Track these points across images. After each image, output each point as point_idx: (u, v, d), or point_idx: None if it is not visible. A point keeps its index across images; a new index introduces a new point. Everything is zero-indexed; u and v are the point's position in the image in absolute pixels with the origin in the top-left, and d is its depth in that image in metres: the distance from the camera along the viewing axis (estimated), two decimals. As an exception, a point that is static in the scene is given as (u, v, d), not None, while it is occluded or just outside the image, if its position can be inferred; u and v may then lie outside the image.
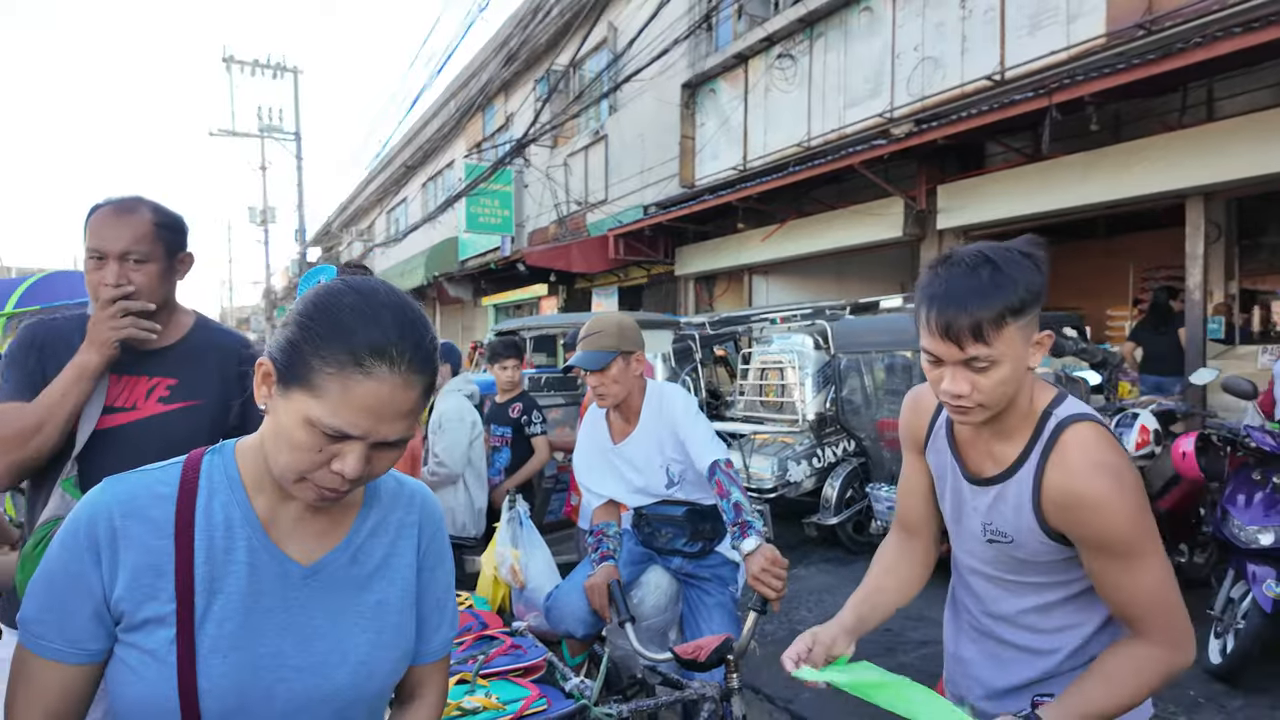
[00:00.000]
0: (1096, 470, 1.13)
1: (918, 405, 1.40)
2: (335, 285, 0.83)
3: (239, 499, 0.88)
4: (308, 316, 0.80)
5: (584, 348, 2.13)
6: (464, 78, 17.48)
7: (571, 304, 14.33)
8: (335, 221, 31.69)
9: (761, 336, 6.12)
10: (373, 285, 0.84)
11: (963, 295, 1.08)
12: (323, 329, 0.78)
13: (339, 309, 0.79)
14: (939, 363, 1.13)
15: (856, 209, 7.60)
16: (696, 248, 10.41)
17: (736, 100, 8.79)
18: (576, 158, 12.73)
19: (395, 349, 0.78)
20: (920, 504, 1.44)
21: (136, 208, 1.46)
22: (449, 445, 3.40)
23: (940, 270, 1.13)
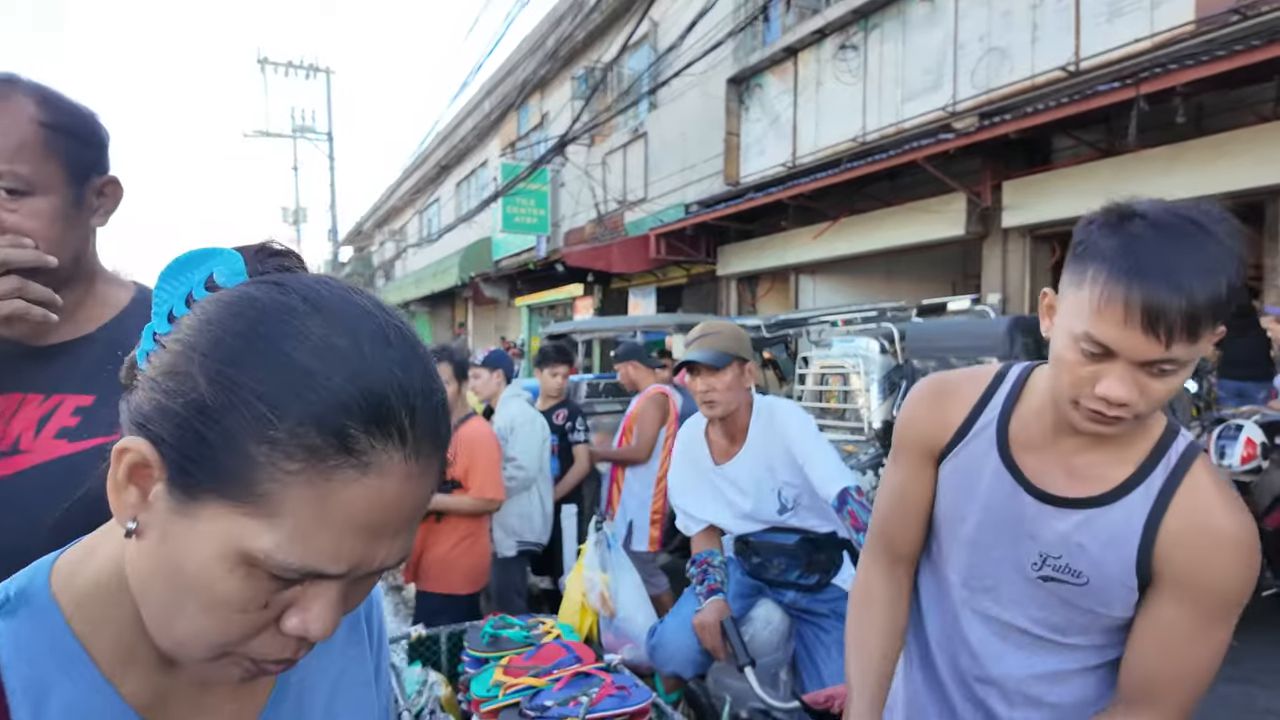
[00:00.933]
0: (1238, 509, 0.94)
1: (943, 401, 1.11)
2: (271, 296, 0.46)
3: (92, 687, 0.50)
4: (228, 359, 0.44)
5: (700, 347, 1.95)
6: (499, 76, 17.42)
7: (607, 305, 14.17)
8: (368, 221, 31.92)
9: (820, 340, 5.87)
10: (342, 294, 0.48)
11: (1182, 273, 0.82)
12: (266, 384, 0.43)
13: (293, 342, 0.44)
14: (1105, 356, 0.87)
15: (914, 206, 7.32)
16: (739, 247, 10.17)
17: (785, 95, 8.54)
18: (615, 156, 12.55)
19: (408, 412, 0.45)
20: (917, 525, 1.16)
21: (8, 94, 0.83)
22: (525, 448, 3.27)
23: (1137, 230, 0.86)
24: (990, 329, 4.14)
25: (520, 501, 3.30)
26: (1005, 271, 6.88)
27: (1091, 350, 0.88)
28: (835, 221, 8.19)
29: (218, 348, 0.44)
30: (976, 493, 1.07)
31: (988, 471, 1.05)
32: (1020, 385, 1.07)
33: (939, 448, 1.11)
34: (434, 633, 2.33)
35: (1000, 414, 1.06)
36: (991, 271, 7.00)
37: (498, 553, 3.35)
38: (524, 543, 3.35)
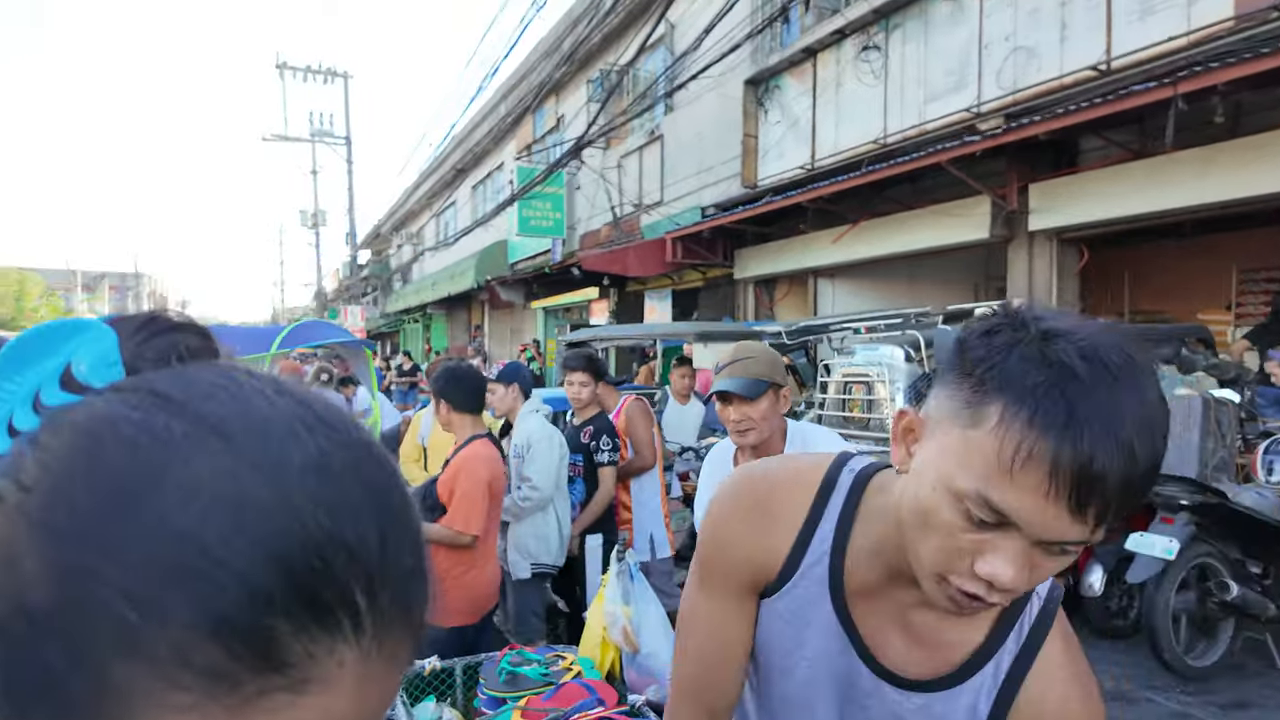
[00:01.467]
0: (1091, 695, 0.79)
1: (765, 521, 0.86)
2: (147, 418, 0.31)
3: None
4: (76, 532, 0.29)
5: (732, 373, 1.85)
6: (515, 80, 17.40)
7: (623, 308, 14.09)
8: (385, 225, 32.06)
9: (842, 347, 5.75)
10: (260, 403, 0.33)
11: (1126, 430, 0.60)
12: (133, 570, 0.28)
13: (177, 495, 0.29)
14: (999, 527, 0.65)
15: (936, 209, 7.17)
16: (757, 250, 10.04)
17: (804, 96, 8.41)
18: (631, 158, 12.47)
19: (363, 584, 0.30)
20: (739, 672, 0.91)
21: None
22: (541, 467, 3.17)
23: (1068, 358, 0.62)
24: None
25: (536, 522, 3.20)
26: (1032, 275, 6.72)
27: (983, 518, 0.65)
28: (855, 224, 8.05)
29: (60, 511, 0.29)
30: (805, 643, 0.86)
31: (819, 621, 0.84)
32: (855, 502, 0.84)
33: (763, 581, 0.87)
34: (449, 665, 2.24)
35: (832, 545, 0.83)
36: (1017, 275, 6.84)
37: (512, 574, 3.26)
38: (539, 565, 3.24)
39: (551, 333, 17.80)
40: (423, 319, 25.96)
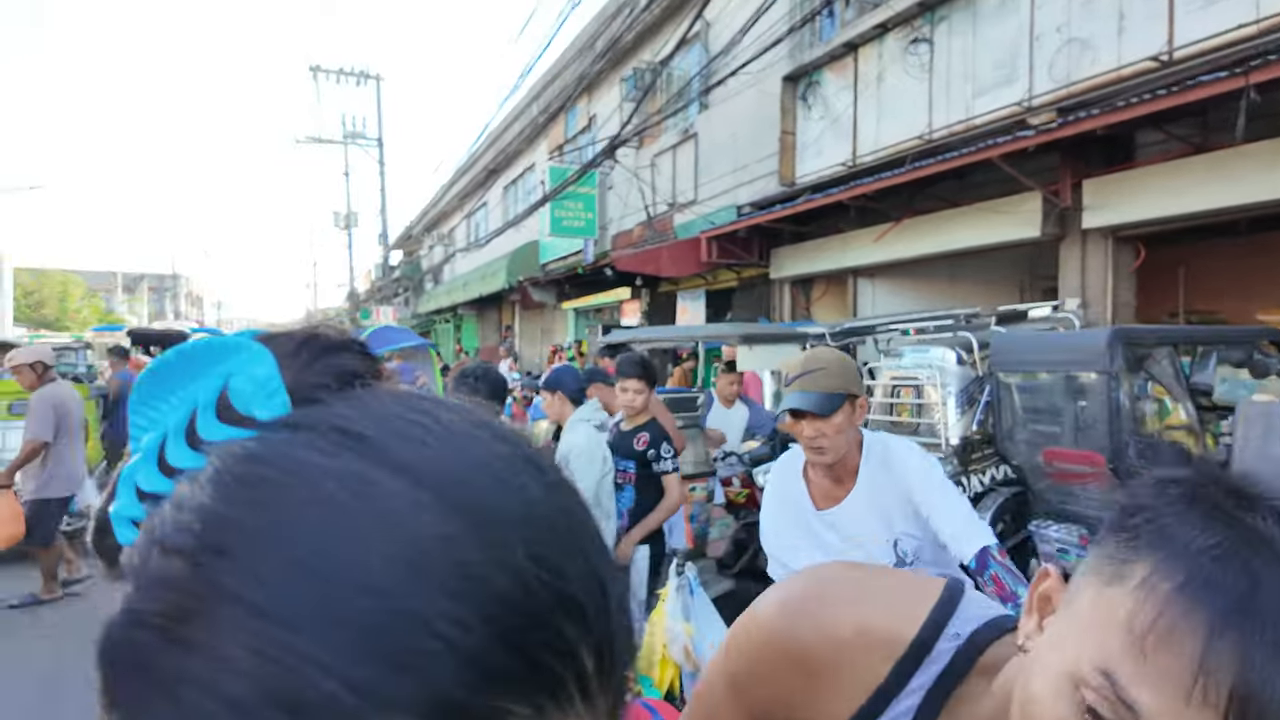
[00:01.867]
0: None
1: (820, 671, 0.67)
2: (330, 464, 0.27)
3: None
4: (256, 609, 0.24)
5: (803, 387, 1.72)
6: (547, 79, 17.38)
7: (655, 308, 14.00)
8: (417, 226, 32.33)
9: (889, 349, 5.58)
10: (456, 441, 0.29)
11: None
12: (337, 650, 0.23)
13: (376, 562, 0.25)
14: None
15: (984, 206, 6.96)
16: (794, 249, 9.88)
17: (845, 92, 8.24)
18: (664, 157, 12.36)
19: (592, 649, 0.27)
20: None
21: None
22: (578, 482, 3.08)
23: (1262, 534, 0.47)
24: (1088, 342, 3.82)
25: None
26: (1085, 275, 6.48)
27: (1101, 713, 0.47)
28: (898, 223, 7.86)
29: (253, 583, 0.24)
30: None
31: None
32: (952, 684, 0.65)
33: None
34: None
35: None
36: (1070, 275, 6.60)
37: None
38: None
39: (582, 333, 17.77)
40: (454, 319, 26.12)
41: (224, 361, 0.30)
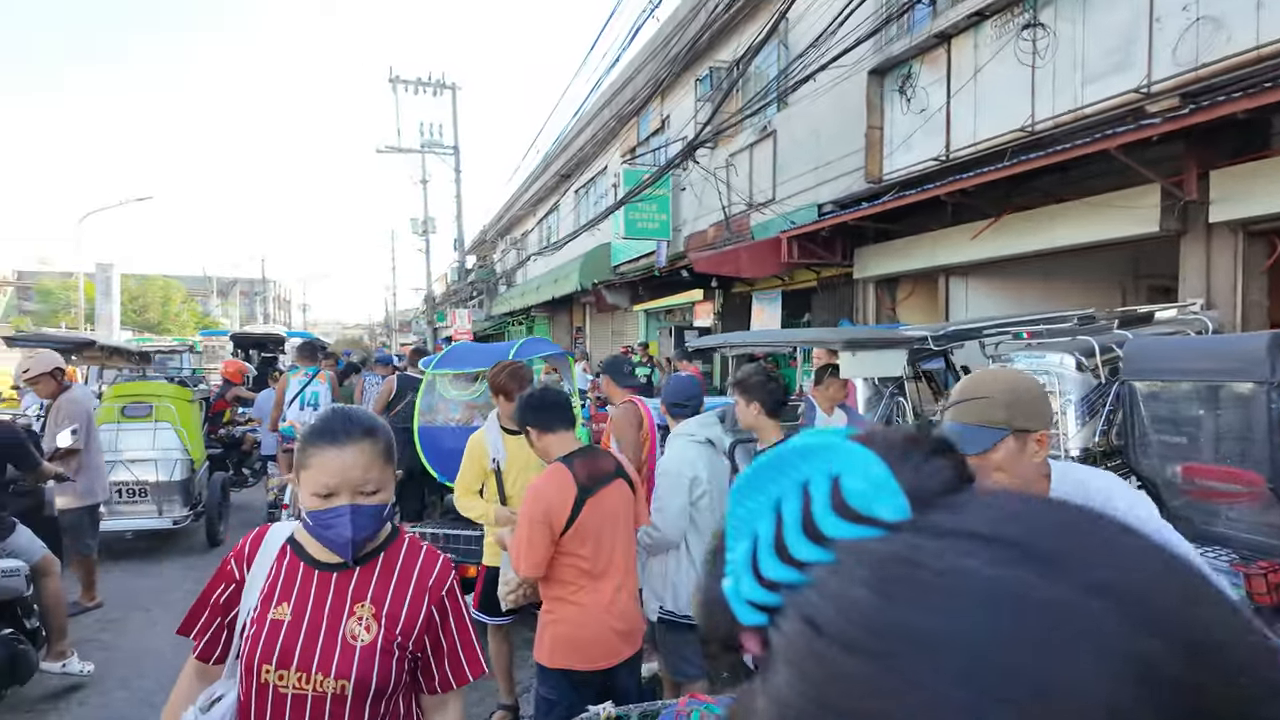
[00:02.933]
0: None
1: None
2: (1005, 589, 0.30)
3: None
4: None
5: (956, 417, 1.50)
6: (619, 83, 17.38)
7: (728, 310, 13.79)
8: (490, 230, 32.92)
9: (998, 353, 5.26)
10: (1141, 561, 0.32)
11: None
12: None
13: (1090, 695, 0.26)
14: None
15: (1093, 201, 6.52)
16: (880, 248, 9.53)
17: (938, 84, 7.88)
18: (740, 157, 12.15)
19: None
20: None
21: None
22: (664, 506, 2.91)
23: None
24: (1242, 348, 3.46)
25: (665, 563, 2.96)
26: (1210, 274, 5.99)
27: None
28: (996, 219, 7.46)
29: (934, 678, 0.25)
30: None
31: None
32: None
33: None
34: (624, 713, 2.06)
35: None
36: (1192, 274, 6.12)
37: (644, 610, 3.07)
38: (665, 611, 2.99)
39: (654, 335, 17.70)
40: (526, 321, 26.46)
41: (825, 455, 0.33)
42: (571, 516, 2.43)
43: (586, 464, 2.54)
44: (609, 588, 2.52)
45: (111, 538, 6.62)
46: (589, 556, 2.47)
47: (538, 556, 2.44)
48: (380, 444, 1.50)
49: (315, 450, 1.45)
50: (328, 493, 1.43)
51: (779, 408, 3.07)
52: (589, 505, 2.46)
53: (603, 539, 2.51)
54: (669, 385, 3.25)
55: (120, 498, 6.43)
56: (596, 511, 2.48)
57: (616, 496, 2.58)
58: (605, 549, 2.51)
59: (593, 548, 2.48)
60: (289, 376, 6.50)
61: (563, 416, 2.60)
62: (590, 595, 2.49)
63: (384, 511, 1.49)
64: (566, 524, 2.43)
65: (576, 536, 2.45)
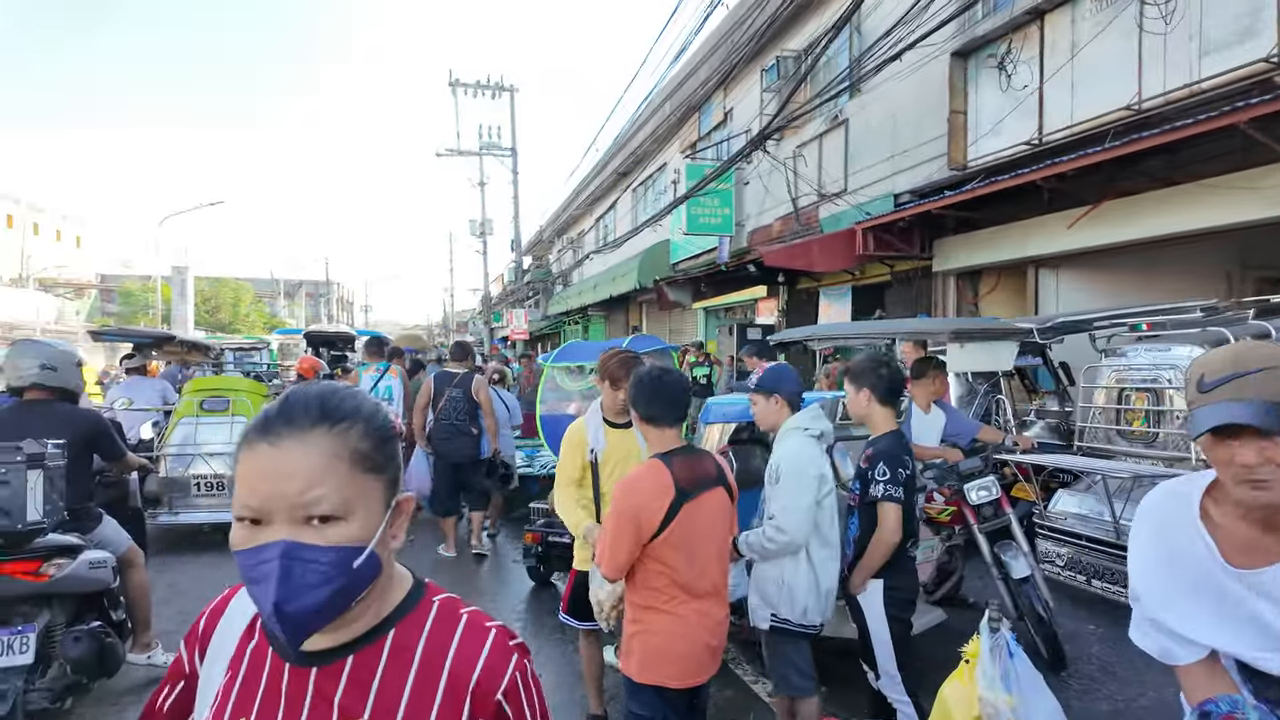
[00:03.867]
0: None
1: None
2: None
3: None
4: None
5: (1239, 394, 1.21)
6: (680, 78, 17.14)
7: (793, 306, 13.41)
8: (547, 230, 33.06)
9: (1110, 346, 4.85)
10: None
11: None
12: None
13: None
14: None
15: (1210, 183, 6.01)
16: (963, 239, 9.06)
17: (1029, 64, 7.42)
18: (809, 147, 11.78)
19: None
20: None
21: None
22: (789, 505, 2.65)
23: None
24: None
25: (783, 566, 2.70)
26: (1350, 259, 5.44)
27: None
28: (1096, 205, 6.97)
29: None
30: None
31: None
32: None
33: None
34: None
35: None
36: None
37: (750, 621, 2.83)
38: (779, 619, 2.72)
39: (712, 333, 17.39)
40: (582, 320, 26.44)
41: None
42: (665, 521, 2.22)
43: (688, 464, 2.32)
44: (704, 600, 2.31)
45: (191, 530, 6.70)
46: (681, 568, 2.25)
47: (621, 559, 2.24)
48: (347, 439, 0.89)
49: (244, 451, 0.88)
50: (253, 517, 0.85)
51: (892, 395, 2.83)
52: (685, 511, 2.24)
53: (697, 550, 2.28)
54: (773, 374, 2.99)
55: (199, 491, 6.50)
56: (693, 519, 2.26)
57: (716, 504, 2.35)
58: (699, 560, 2.28)
59: (686, 558, 2.26)
60: (359, 372, 6.46)
61: (673, 412, 2.39)
62: (685, 606, 2.28)
63: (355, 559, 0.87)
64: (659, 528, 2.22)
65: (668, 544, 2.23)
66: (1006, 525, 3.62)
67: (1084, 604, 4.47)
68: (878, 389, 2.81)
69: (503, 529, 7.07)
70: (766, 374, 2.96)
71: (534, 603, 5.22)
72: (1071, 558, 4.34)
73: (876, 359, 2.90)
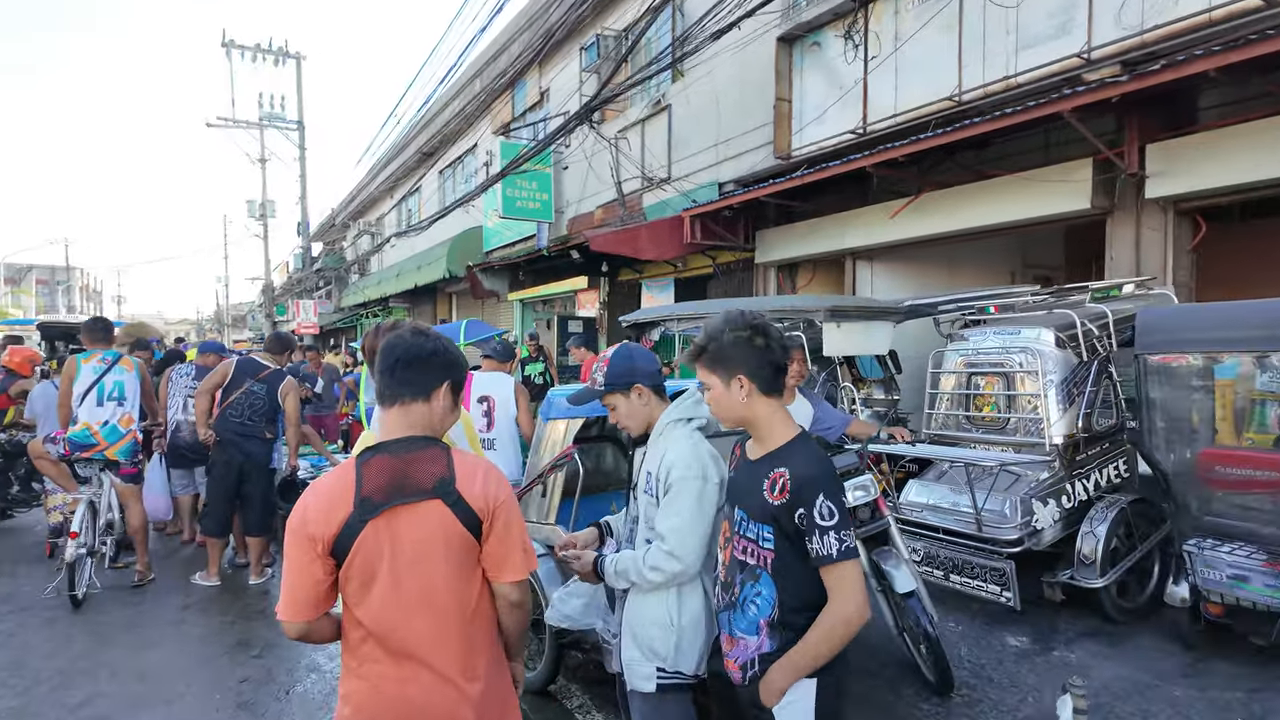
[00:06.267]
0: None
1: None
2: None
3: None
4: None
5: None
6: (492, 53, 16.08)
7: (615, 299, 12.95)
8: (341, 214, 30.22)
9: (952, 331, 4.73)
10: None
11: None
12: None
13: None
14: None
15: (1024, 177, 6.23)
16: (783, 231, 9.02)
17: (854, 52, 7.40)
18: (632, 132, 11.32)
19: None
20: None
21: None
22: (682, 525, 1.96)
23: None
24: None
25: (670, 600, 2.00)
26: (1139, 252, 5.83)
27: None
28: (916, 197, 7.07)
29: None
30: None
31: None
32: None
33: None
34: None
35: None
36: (1121, 252, 5.94)
37: (628, 684, 2.11)
38: (668, 674, 2.01)
39: (529, 326, 16.54)
40: (382, 312, 24.35)
41: None
42: (339, 542, 1.53)
43: (393, 464, 1.58)
44: (409, 664, 1.58)
45: None
46: (369, 613, 1.57)
47: (297, 592, 1.56)
48: None
49: None
50: None
51: (777, 379, 1.92)
52: (370, 531, 1.54)
53: (396, 588, 1.56)
54: (621, 360, 2.25)
55: None
56: (385, 542, 1.55)
57: (426, 525, 1.58)
58: (399, 604, 1.58)
59: (378, 598, 1.56)
60: (77, 362, 4.93)
61: (395, 383, 1.63)
62: (377, 668, 1.58)
63: None
64: (334, 551, 1.54)
65: (349, 576, 1.55)
66: (885, 529, 3.21)
67: (941, 600, 4.24)
68: (759, 373, 1.81)
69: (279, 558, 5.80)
70: (614, 362, 2.21)
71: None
72: (928, 552, 4.10)
73: (738, 322, 1.85)
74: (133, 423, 5.02)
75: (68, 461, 4.94)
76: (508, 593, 1.67)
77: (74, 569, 4.58)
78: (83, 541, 4.64)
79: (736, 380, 1.81)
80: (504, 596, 1.67)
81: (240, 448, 5.02)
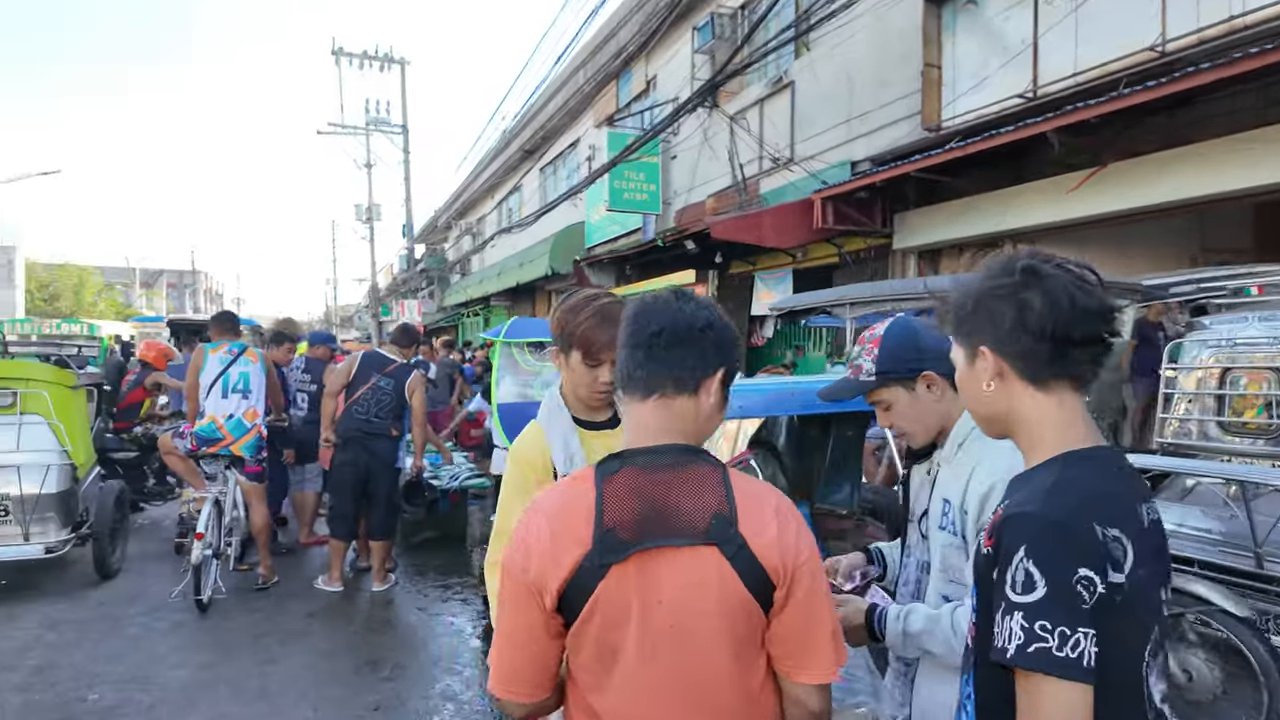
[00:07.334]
0: None
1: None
2: None
3: None
4: None
5: None
6: (594, 45, 15.75)
7: (725, 294, 12.32)
8: (443, 215, 30.86)
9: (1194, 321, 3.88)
10: None
11: None
12: None
13: None
14: None
15: (1239, 138, 5.24)
16: (928, 212, 8.16)
17: (1021, 8, 6.52)
18: (749, 114, 10.67)
19: None
20: None
21: None
22: None
23: None
24: None
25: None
26: None
27: None
28: (1102, 168, 6.13)
29: None
30: None
31: None
32: None
33: None
34: None
35: None
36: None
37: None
38: None
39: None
40: (484, 311, 24.55)
41: None
42: (568, 597, 1.10)
43: (650, 484, 1.08)
44: None
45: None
46: (602, 698, 1.14)
47: (516, 660, 1.14)
48: None
49: None
50: None
51: (1061, 359, 1.26)
52: (613, 580, 1.04)
53: (646, 665, 1.10)
54: (902, 336, 1.69)
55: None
56: (631, 598, 1.06)
57: (691, 577, 1.03)
58: (650, 689, 1.10)
59: (620, 679, 1.13)
60: (205, 352, 4.76)
61: (659, 364, 1.13)
62: None
63: None
64: (561, 608, 1.09)
65: (579, 643, 1.14)
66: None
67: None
68: (1016, 347, 1.05)
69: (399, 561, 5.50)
70: (889, 341, 1.53)
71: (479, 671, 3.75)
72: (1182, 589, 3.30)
73: (1001, 267, 1.10)
74: (258, 416, 4.80)
75: (194, 458, 4.78)
76: (805, 698, 1.10)
77: (199, 572, 4.38)
78: (208, 542, 4.43)
79: (980, 355, 1.10)
80: (799, 703, 1.10)
81: (366, 446, 4.74)
